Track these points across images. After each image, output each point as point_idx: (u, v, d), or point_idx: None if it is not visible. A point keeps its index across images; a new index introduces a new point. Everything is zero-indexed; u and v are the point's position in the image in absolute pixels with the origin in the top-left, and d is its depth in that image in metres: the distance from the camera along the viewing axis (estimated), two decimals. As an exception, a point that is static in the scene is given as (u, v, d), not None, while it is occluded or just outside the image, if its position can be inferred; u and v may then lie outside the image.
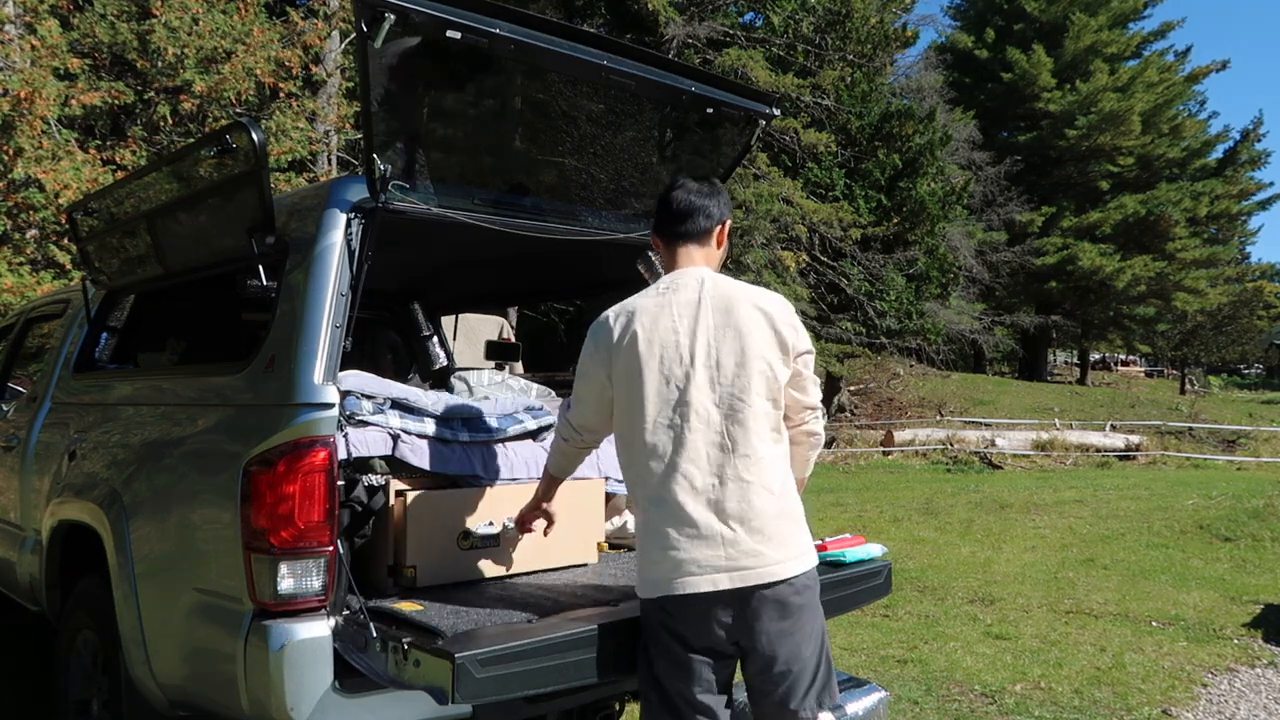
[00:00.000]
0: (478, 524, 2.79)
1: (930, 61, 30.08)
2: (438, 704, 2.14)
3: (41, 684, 4.13)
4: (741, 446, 2.24)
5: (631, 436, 2.31)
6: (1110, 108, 32.43)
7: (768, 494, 2.25)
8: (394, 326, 5.24)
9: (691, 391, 2.24)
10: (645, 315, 2.32)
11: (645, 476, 2.27)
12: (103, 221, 3.65)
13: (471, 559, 2.82)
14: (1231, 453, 18.25)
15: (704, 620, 2.22)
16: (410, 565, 2.67)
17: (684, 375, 2.25)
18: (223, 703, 2.49)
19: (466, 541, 2.76)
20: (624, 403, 2.32)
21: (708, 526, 2.20)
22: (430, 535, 2.71)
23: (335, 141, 12.90)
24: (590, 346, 2.40)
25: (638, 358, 2.28)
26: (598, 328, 2.39)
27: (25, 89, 8.78)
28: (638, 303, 2.37)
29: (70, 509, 3.21)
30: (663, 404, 2.25)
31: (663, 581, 2.23)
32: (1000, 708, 4.26)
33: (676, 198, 2.47)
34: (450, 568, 2.76)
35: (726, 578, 2.20)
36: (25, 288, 8.77)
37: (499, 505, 2.85)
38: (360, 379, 2.69)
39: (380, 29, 2.35)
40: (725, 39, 16.70)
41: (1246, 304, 41.40)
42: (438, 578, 2.72)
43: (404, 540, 2.67)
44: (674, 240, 2.47)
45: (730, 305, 2.31)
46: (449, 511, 2.76)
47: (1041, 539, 8.74)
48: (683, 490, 2.22)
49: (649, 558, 2.27)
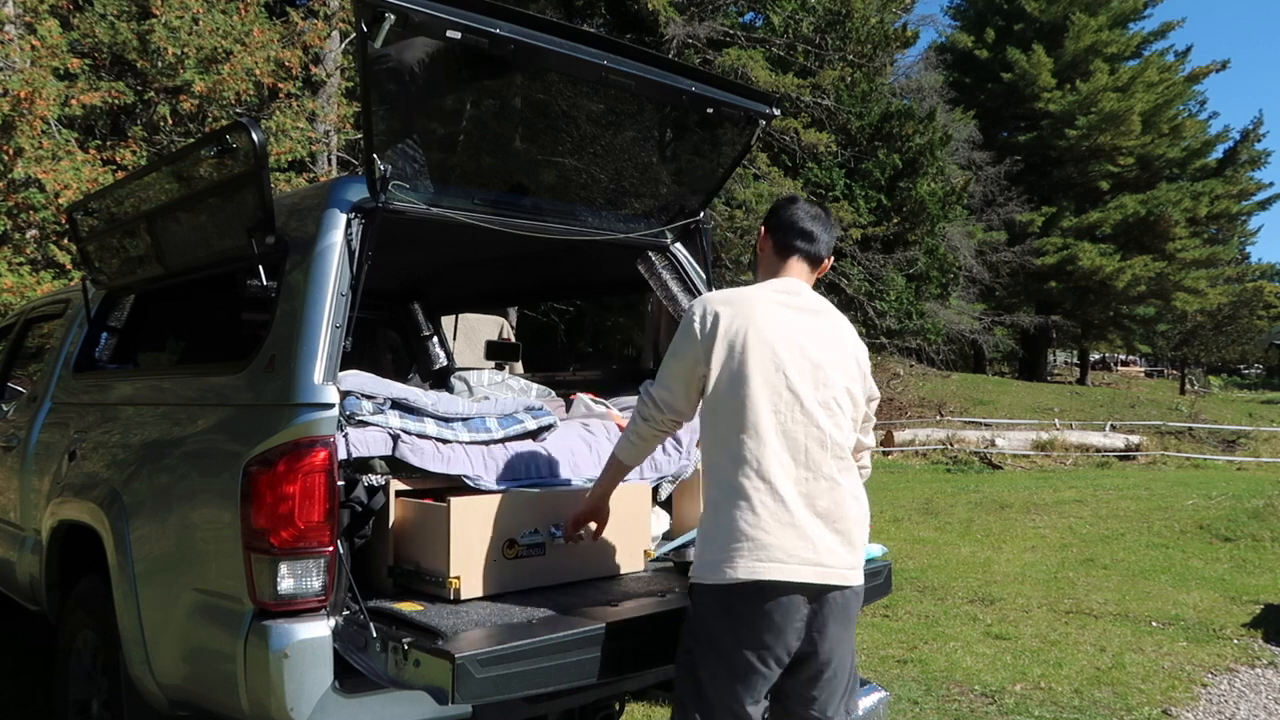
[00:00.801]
0: (522, 531, 2.69)
1: (930, 61, 30.11)
2: (438, 704, 2.14)
3: (41, 683, 4.13)
4: (838, 449, 2.27)
5: (727, 416, 2.26)
6: (1110, 108, 32.45)
7: (854, 500, 2.30)
8: (394, 326, 5.24)
9: (800, 384, 2.26)
10: (756, 306, 2.33)
11: (740, 454, 2.21)
12: (103, 221, 3.65)
13: (517, 569, 2.69)
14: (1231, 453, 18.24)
15: (777, 613, 2.16)
16: (455, 576, 2.55)
17: (793, 370, 2.26)
18: (223, 703, 2.49)
19: (512, 550, 2.65)
20: (724, 385, 2.27)
21: (800, 516, 2.18)
22: (475, 544, 2.60)
23: (335, 141, 12.90)
24: (691, 326, 2.36)
25: (746, 344, 2.27)
26: (703, 311, 2.35)
27: (25, 89, 8.79)
28: (748, 294, 2.38)
29: (70, 509, 3.21)
30: (770, 391, 2.24)
31: (741, 565, 2.14)
32: (1000, 708, 4.26)
33: (805, 216, 2.50)
34: (495, 578, 2.64)
35: (812, 571, 2.17)
36: (25, 288, 8.77)
37: (544, 511, 2.74)
38: (360, 379, 2.69)
39: (380, 29, 2.35)
40: (725, 39, 16.71)
41: (1246, 304, 41.44)
42: (482, 589, 2.60)
43: (447, 550, 2.54)
44: (789, 252, 2.49)
45: (836, 326, 2.42)
46: (493, 519, 2.65)
47: (1041, 539, 8.74)
48: (781, 475, 2.19)
49: (726, 539, 2.18)
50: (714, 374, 2.29)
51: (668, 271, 3.60)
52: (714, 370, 2.29)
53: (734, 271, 15.94)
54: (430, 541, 2.61)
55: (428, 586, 2.60)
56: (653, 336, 4.21)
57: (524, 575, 2.70)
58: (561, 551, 2.77)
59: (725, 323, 2.30)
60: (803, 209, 2.52)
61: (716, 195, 3.70)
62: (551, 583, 2.74)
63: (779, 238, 2.51)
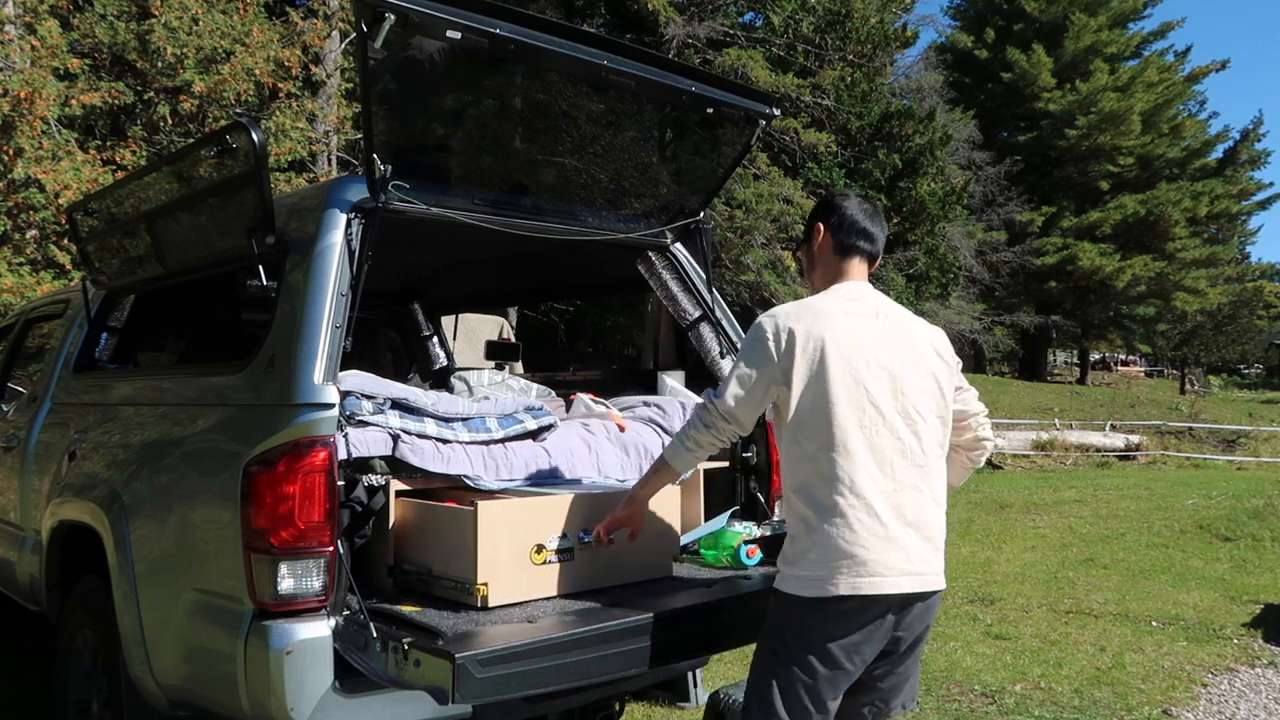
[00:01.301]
0: (551, 536, 2.61)
1: (930, 61, 30.09)
2: (438, 704, 2.14)
3: (42, 683, 4.13)
4: (918, 457, 2.27)
5: (814, 434, 2.23)
6: (1110, 108, 32.45)
7: (936, 506, 2.30)
8: (394, 326, 5.24)
9: (880, 395, 2.24)
10: (831, 320, 2.29)
11: (832, 473, 2.21)
12: (103, 221, 3.65)
13: (545, 575, 2.62)
14: (1231, 452, 18.26)
15: (877, 624, 2.20)
16: (482, 583, 2.48)
17: (872, 382, 2.25)
18: (223, 703, 2.49)
19: (540, 556, 2.58)
20: (807, 405, 2.25)
21: (893, 529, 2.20)
22: (502, 550, 2.52)
23: (335, 142, 12.89)
24: (765, 345, 2.30)
25: (825, 361, 2.24)
26: (776, 328, 2.30)
27: (25, 89, 8.78)
28: (820, 307, 2.33)
29: (70, 509, 3.21)
30: (853, 406, 2.22)
31: (843, 582, 2.16)
32: (1000, 708, 4.26)
33: (863, 214, 2.45)
34: (524, 585, 2.56)
35: (908, 581, 2.20)
36: (25, 288, 8.77)
37: (573, 515, 2.68)
38: (360, 379, 2.69)
39: (380, 29, 2.35)
40: (725, 39, 16.71)
41: (1246, 304, 41.43)
42: (511, 596, 2.53)
43: (474, 556, 2.47)
44: (851, 252, 2.44)
45: (904, 324, 2.38)
46: (520, 523, 2.58)
47: (1041, 539, 8.74)
48: (873, 490, 2.20)
49: (825, 557, 2.19)
50: (795, 395, 2.25)
51: (668, 271, 3.60)
52: (795, 391, 2.25)
53: (734, 271, 15.94)
54: (456, 546, 2.54)
55: (453, 593, 2.54)
56: (653, 336, 4.21)
57: (552, 581, 2.64)
58: (590, 556, 2.70)
59: (801, 341, 2.25)
60: (860, 206, 2.47)
61: (716, 195, 3.70)
62: (580, 589, 2.67)
63: (840, 237, 2.44)
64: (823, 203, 2.54)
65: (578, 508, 2.68)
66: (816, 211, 2.53)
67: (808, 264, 2.55)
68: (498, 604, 2.50)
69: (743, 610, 2.79)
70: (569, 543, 2.65)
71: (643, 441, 3.22)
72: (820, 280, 2.48)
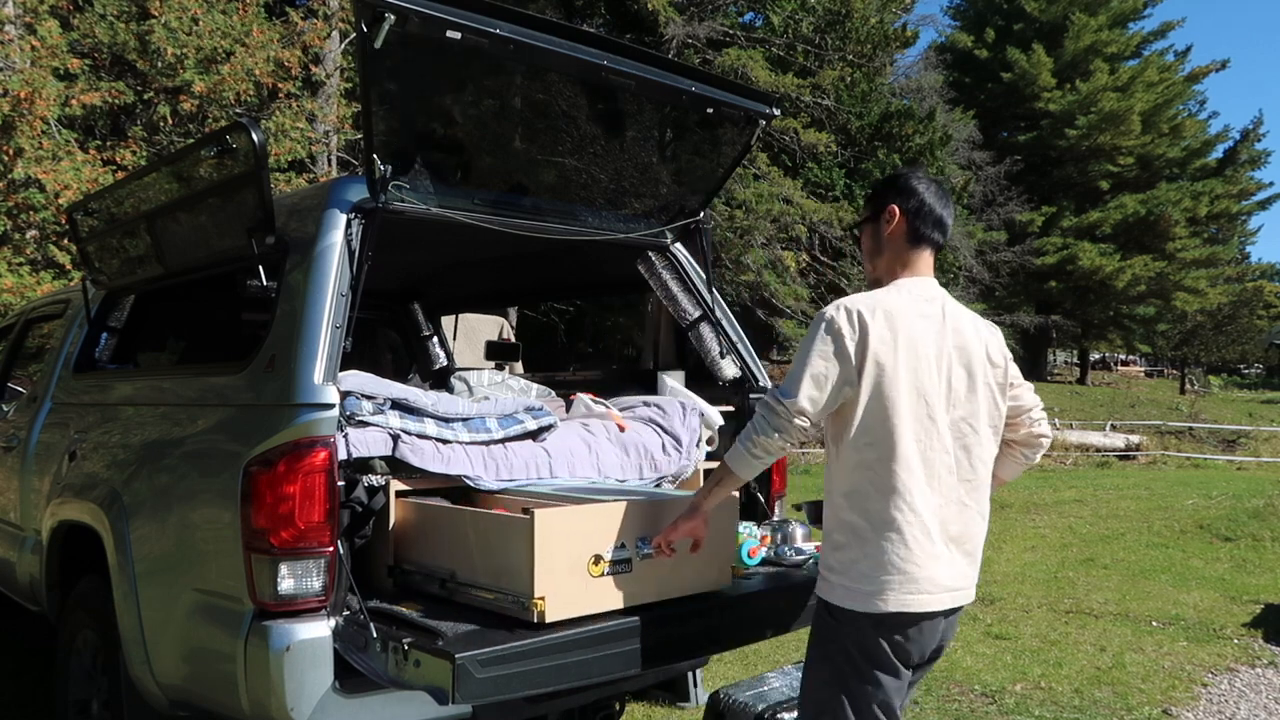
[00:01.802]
0: (609, 546, 2.44)
1: (930, 61, 30.11)
2: (438, 704, 2.14)
3: (42, 683, 4.13)
4: (966, 471, 2.22)
5: (875, 441, 2.15)
6: (1110, 107, 32.45)
7: (980, 520, 2.27)
8: (394, 326, 5.24)
9: (937, 409, 2.18)
10: (904, 321, 2.18)
11: (892, 485, 2.13)
12: (103, 222, 3.65)
13: (603, 588, 2.44)
14: (1231, 452, 18.26)
15: (918, 634, 2.17)
16: (539, 597, 2.31)
17: (931, 390, 2.18)
18: (223, 703, 2.49)
19: (598, 567, 2.41)
20: (872, 409, 2.15)
21: (940, 546, 2.17)
22: (559, 560, 2.35)
23: (335, 142, 12.89)
24: (841, 339, 2.15)
25: (897, 365, 2.14)
26: (850, 320, 2.15)
27: (25, 89, 8.79)
28: (894, 304, 2.19)
29: (70, 509, 3.21)
30: (914, 418, 2.15)
31: (892, 598, 2.12)
32: (1000, 707, 4.26)
33: (940, 200, 2.30)
34: (581, 598, 2.39)
35: (950, 597, 2.19)
36: (25, 288, 8.77)
37: (630, 523, 2.50)
38: (360, 379, 2.69)
39: (380, 29, 2.36)
40: (725, 39, 16.71)
41: (1246, 304, 41.42)
42: (568, 610, 2.36)
43: (530, 568, 2.30)
44: (924, 242, 2.29)
45: (961, 328, 2.26)
46: (577, 532, 2.40)
47: (1041, 539, 8.74)
48: (926, 506, 2.15)
49: (876, 570, 2.13)
50: (864, 396, 2.14)
51: (668, 271, 3.60)
52: (864, 392, 2.14)
53: (734, 271, 15.93)
54: (509, 558, 2.38)
55: (505, 608, 2.38)
56: (653, 336, 4.21)
57: (610, 595, 2.45)
58: (648, 568, 2.52)
59: (875, 339, 2.13)
60: (937, 192, 2.30)
61: (716, 195, 3.70)
62: (639, 602, 2.51)
63: (917, 225, 2.28)
64: (898, 183, 2.34)
65: (636, 515, 2.51)
66: (890, 192, 2.33)
67: (870, 246, 2.36)
68: (556, 619, 2.33)
69: (744, 610, 2.79)
70: (626, 553, 2.48)
71: (643, 441, 3.21)
72: (885, 268, 2.32)
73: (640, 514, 2.52)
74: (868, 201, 2.40)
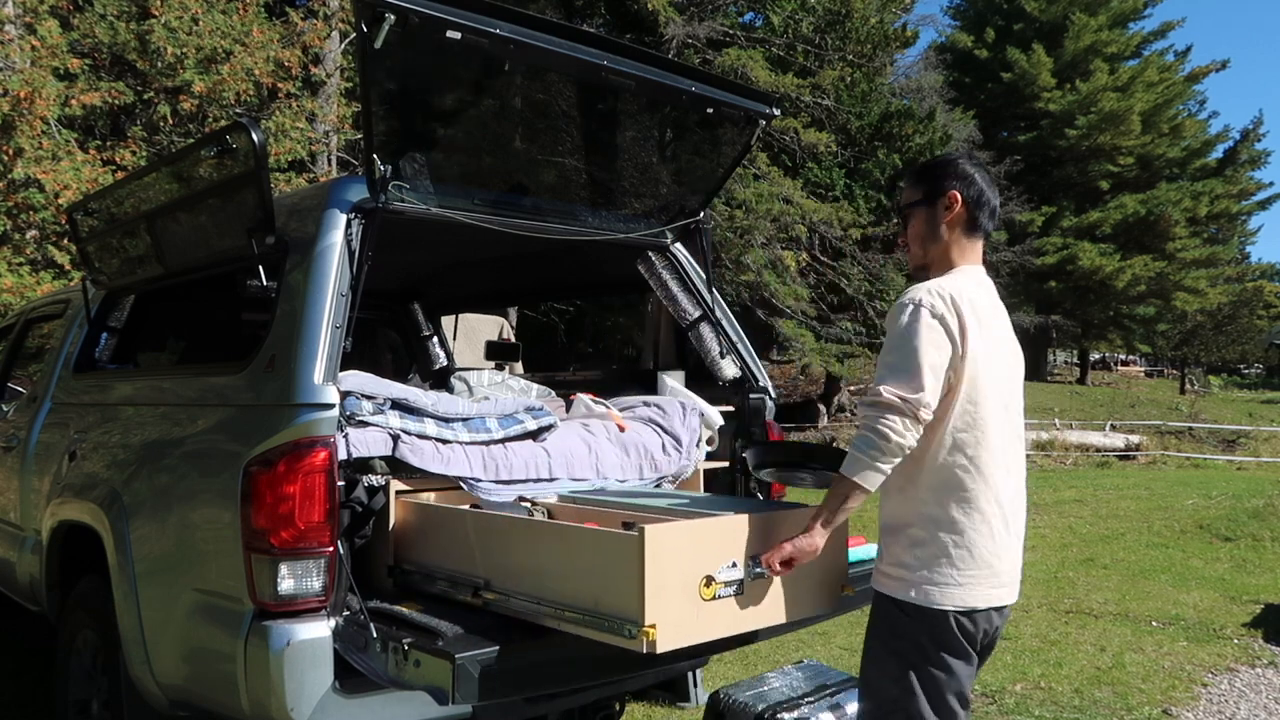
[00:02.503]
0: (720, 565, 2.21)
1: (930, 61, 30.09)
2: (438, 704, 2.14)
3: (42, 683, 4.13)
4: (1018, 466, 2.23)
5: (967, 431, 2.10)
6: (1110, 107, 32.45)
7: (1024, 514, 2.29)
8: (394, 326, 5.24)
9: (1011, 398, 2.20)
10: (983, 311, 2.16)
11: (979, 476, 2.11)
12: (102, 222, 3.66)
13: (714, 613, 2.21)
14: (1231, 452, 18.26)
15: (992, 625, 2.19)
16: (650, 625, 2.05)
17: (1005, 379, 2.19)
18: (223, 703, 2.49)
19: (709, 590, 2.18)
20: (965, 398, 2.10)
21: (1013, 535, 2.19)
22: (670, 583, 2.11)
23: (335, 142, 12.89)
24: (943, 329, 2.07)
25: (984, 355, 2.12)
26: (947, 310, 2.08)
27: (25, 89, 8.78)
28: (973, 295, 2.16)
29: (70, 509, 3.21)
30: (998, 407, 2.14)
31: (980, 593, 2.11)
32: (1000, 707, 4.26)
33: (992, 189, 2.25)
34: (692, 625, 2.17)
35: (1015, 590, 2.22)
36: (25, 288, 8.76)
37: (739, 540, 2.28)
38: (360, 379, 2.69)
39: (380, 29, 2.36)
40: (725, 39, 16.71)
41: (1246, 304, 41.42)
42: (679, 639, 2.13)
43: (640, 591, 2.05)
44: (979, 233, 2.25)
45: (1007, 320, 2.30)
46: (688, 550, 2.17)
47: (1041, 539, 8.74)
48: (1006, 497, 2.15)
49: (966, 563, 2.10)
50: (962, 384, 2.09)
51: (668, 271, 3.60)
52: (962, 379, 2.09)
53: (734, 271, 15.92)
54: (609, 579, 2.13)
55: (606, 634, 2.14)
56: (653, 336, 4.21)
57: (721, 620, 2.23)
58: (758, 590, 2.31)
59: (972, 329, 2.09)
60: (990, 181, 2.25)
61: (716, 195, 3.70)
62: (748, 629, 2.32)
63: (976, 214, 2.22)
64: (957, 168, 2.24)
65: (750, 531, 2.29)
66: (948, 177, 2.22)
67: (924, 231, 2.25)
68: (667, 649, 2.09)
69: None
70: (738, 573, 2.24)
71: (643, 441, 3.21)
72: (939, 255, 2.24)
73: (754, 529, 2.30)
74: (918, 182, 2.29)
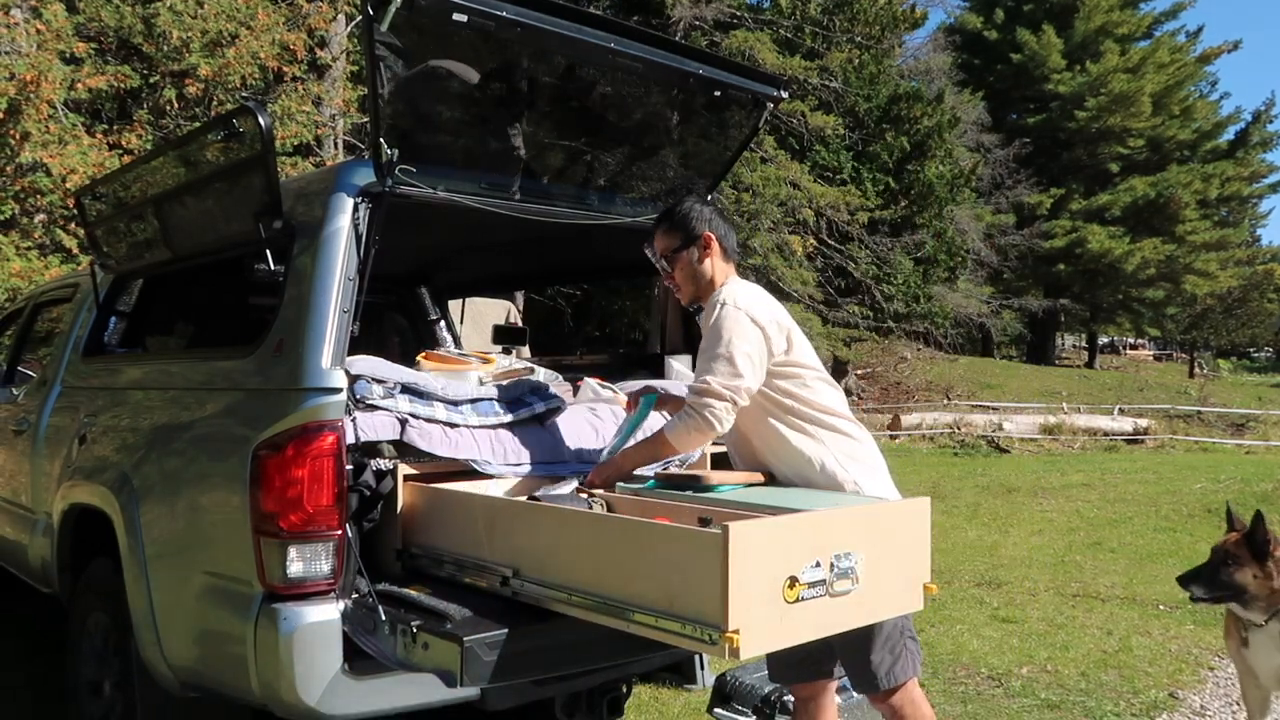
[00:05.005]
0: (804, 565, 2.07)
1: (939, 43, 29.81)
2: (446, 687, 2.15)
3: (54, 666, 4.17)
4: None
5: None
6: (1120, 89, 32.19)
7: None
8: (401, 311, 5.25)
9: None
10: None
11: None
12: (110, 206, 3.66)
13: (799, 616, 2.06)
14: (1240, 436, 18.19)
15: None
16: (734, 630, 1.90)
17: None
18: (233, 684, 2.51)
19: (793, 591, 2.05)
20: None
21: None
22: (755, 585, 1.97)
23: (341, 125, 12.86)
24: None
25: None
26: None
27: (31, 73, 8.77)
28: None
29: (81, 492, 3.23)
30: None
31: None
32: (1007, 690, 4.27)
33: (729, 224, 2.96)
34: (776, 629, 2.02)
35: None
36: (33, 272, 8.79)
37: (825, 536, 2.13)
38: (371, 363, 2.70)
39: (386, 12, 2.35)
40: (732, 21, 16.62)
41: (1257, 287, 41.15)
42: (763, 644, 2.01)
43: (723, 594, 1.90)
44: (730, 261, 3.00)
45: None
46: (773, 549, 2.03)
47: (1049, 523, 8.74)
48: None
49: None
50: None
51: (675, 255, 3.58)
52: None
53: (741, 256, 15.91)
54: (694, 579, 1.98)
55: (683, 639, 2.01)
56: (660, 320, 4.20)
57: (805, 624, 2.09)
58: (841, 589, 2.19)
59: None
60: (725, 213, 2.94)
61: (724, 178, 3.68)
62: (831, 633, 2.19)
63: (725, 247, 2.95)
64: (700, 213, 2.87)
65: (834, 527, 2.18)
66: (698, 221, 2.87)
67: (692, 272, 2.91)
68: (750, 656, 1.98)
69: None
70: (821, 573, 2.10)
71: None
72: (708, 287, 2.84)
73: (838, 525, 2.19)
74: (672, 230, 2.89)
